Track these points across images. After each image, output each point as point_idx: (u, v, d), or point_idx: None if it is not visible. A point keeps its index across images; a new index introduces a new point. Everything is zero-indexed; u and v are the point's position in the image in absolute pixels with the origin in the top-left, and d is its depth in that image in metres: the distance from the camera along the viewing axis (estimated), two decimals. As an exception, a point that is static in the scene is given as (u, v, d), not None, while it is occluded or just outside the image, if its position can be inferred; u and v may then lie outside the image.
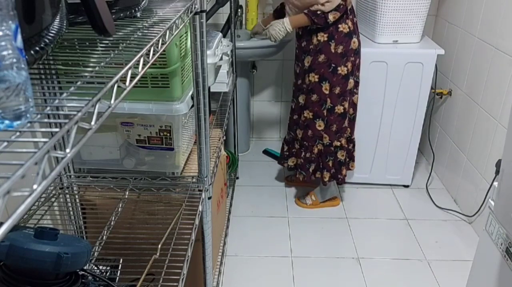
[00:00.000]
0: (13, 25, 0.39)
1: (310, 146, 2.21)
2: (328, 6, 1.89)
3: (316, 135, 2.17)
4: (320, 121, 2.14)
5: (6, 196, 0.35)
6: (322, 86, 2.06)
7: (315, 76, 2.06)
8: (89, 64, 0.67)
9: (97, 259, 1.14)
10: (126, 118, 1.31)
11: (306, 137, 2.21)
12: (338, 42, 1.99)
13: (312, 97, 2.10)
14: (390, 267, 1.96)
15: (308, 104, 2.13)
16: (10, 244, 0.73)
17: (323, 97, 2.08)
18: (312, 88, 2.09)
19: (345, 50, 2.00)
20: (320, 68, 2.03)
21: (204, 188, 1.33)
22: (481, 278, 1.25)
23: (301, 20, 1.96)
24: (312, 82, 2.07)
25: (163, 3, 1.06)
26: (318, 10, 1.91)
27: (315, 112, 2.13)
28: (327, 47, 2.00)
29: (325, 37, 1.99)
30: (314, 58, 2.04)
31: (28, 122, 0.42)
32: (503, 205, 1.08)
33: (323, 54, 2.01)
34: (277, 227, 2.21)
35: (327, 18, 1.91)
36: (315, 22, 1.92)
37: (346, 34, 1.99)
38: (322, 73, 2.04)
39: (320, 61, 2.02)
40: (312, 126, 2.16)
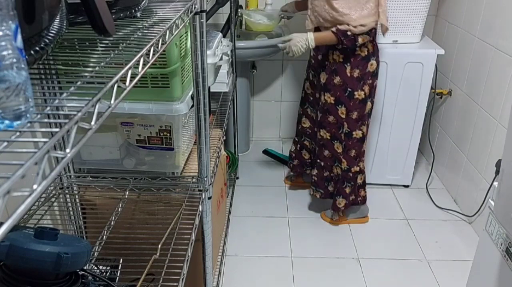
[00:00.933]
0: (13, 25, 0.39)
1: (329, 166, 2.11)
2: (360, 29, 1.75)
3: (334, 155, 2.07)
4: (338, 143, 2.03)
5: (6, 196, 0.35)
6: (338, 109, 1.95)
7: (330, 98, 1.94)
8: (89, 64, 0.67)
9: (97, 259, 1.14)
10: (126, 118, 1.31)
11: (322, 156, 2.11)
12: (354, 65, 1.87)
13: (329, 118, 1.99)
14: (390, 267, 1.96)
15: (324, 124, 2.03)
16: (10, 244, 0.73)
17: (340, 121, 1.97)
18: (328, 109, 1.98)
19: (361, 73, 1.88)
20: (336, 90, 1.92)
21: (204, 188, 1.33)
22: (481, 278, 1.25)
23: (327, 39, 1.81)
24: (328, 103, 1.97)
25: (163, 3, 1.06)
26: (348, 31, 1.76)
27: (333, 133, 2.02)
28: (342, 70, 1.88)
29: (341, 57, 1.87)
30: (329, 77, 1.93)
31: (28, 122, 0.42)
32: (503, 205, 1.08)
33: (338, 76, 1.89)
34: (277, 227, 2.21)
35: (356, 40, 1.78)
36: (344, 43, 1.78)
37: (363, 58, 1.87)
38: (338, 96, 1.92)
39: (336, 83, 1.91)
40: (330, 146, 2.06)
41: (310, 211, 2.34)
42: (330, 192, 2.16)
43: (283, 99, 2.97)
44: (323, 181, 2.16)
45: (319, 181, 2.17)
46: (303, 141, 2.31)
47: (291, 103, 2.97)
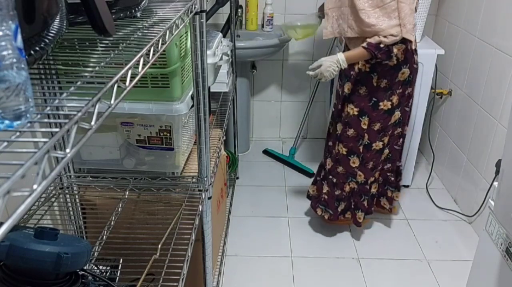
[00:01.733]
0: (13, 25, 0.39)
1: (341, 183, 2.00)
2: (392, 39, 1.63)
3: (348, 172, 1.96)
4: (355, 157, 1.93)
5: (6, 196, 0.35)
6: (361, 121, 1.85)
7: (354, 109, 1.84)
8: (89, 64, 0.67)
9: (97, 259, 1.14)
10: (126, 118, 1.31)
11: (334, 173, 1.99)
12: (381, 75, 1.76)
13: (348, 131, 1.89)
14: (390, 267, 1.96)
15: (342, 138, 1.92)
16: (10, 244, 0.73)
17: (361, 133, 1.87)
18: (349, 122, 1.87)
19: (389, 84, 1.77)
20: (361, 101, 1.82)
21: (204, 188, 1.33)
22: (481, 278, 1.25)
23: (360, 56, 1.70)
24: (350, 115, 1.86)
25: (163, 3, 1.06)
26: (380, 43, 1.64)
27: (350, 148, 1.91)
28: (369, 80, 1.78)
29: (367, 67, 1.77)
30: (354, 87, 1.83)
31: (28, 122, 0.42)
32: (503, 205, 1.08)
33: (364, 86, 1.80)
34: (277, 227, 2.21)
35: (391, 51, 1.66)
36: (379, 57, 1.67)
37: (392, 67, 1.74)
38: (362, 107, 1.82)
39: (361, 93, 1.81)
40: (345, 162, 1.95)
41: (310, 211, 2.33)
42: (339, 213, 2.04)
43: (283, 99, 2.97)
44: (333, 201, 2.03)
45: (329, 200, 2.04)
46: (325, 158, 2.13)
47: (291, 103, 2.97)
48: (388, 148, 1.96)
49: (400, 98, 1.82)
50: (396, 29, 1.62)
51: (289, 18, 2.70)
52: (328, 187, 2.03)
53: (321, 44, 2.74)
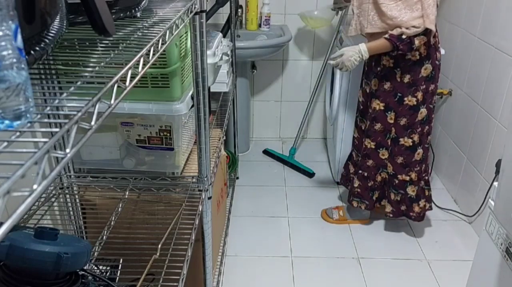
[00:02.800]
0: (13, 25, 0.39)
1: (373, 175, 2.04)
2: (414, 31, 1.64)
3: (379, 164, 2.00)
4: (384, 150, 1.96)
5: (6, 196, 0.35)
6: (387, 115, 1.88)
7: (380, 104, 1.87)
8: (89, 64, 0.67)
9: (97, 259, 1.14)
10: (126, 118, 1.31)
11: (365, 167, 2.04)
12: (404, 71, 1.78)
13: (376, 126, 1.92)
14: (390, 267, 1.96)
15: (370, 133, 1.95)
16: (10, 244, 0.73)
17: (388, 127, 1.90)
18: (376, 117, 1.91)
19: (413, 79, 1.78)
20: (386, 96, 1.85)
21: (204, 188, 1.33)
22: (481, 278, 1.25)
23: (381, 47, 1.71)
24: (376, 110, 1.89)
25: (163, 3, 1.06)
26: (402, 34, 1.65)
27: (378, 142, 1.95)
28: (392, 75, 1.80)
29: (391, 63, 1.79)
30: (380, 83, 1.85)
31: (28, 122, 0.42)
32: (503, 205, 1.08)
33: (388, 82, 1.82)
34: (277, 227, 2.21)
35: (412, 43, 1.67)
36: (400, 49, 1.67)
37: (414, 63, 1.76)
38: (388, 102, 1.85)
39: (386, 88, 1.84)
40: (374, 155, 1.99)
41: (310, 211, 2.33)
42: (374, 201, 2.09)
43: (283, 99, 2.97)
44: (367, 191, 2.07)
45: (363, 192, 2.08)
46: (352, 151, 2.19)
47: (291, 103, 2.97)
48: (421, 148, 1.94)
49: (424, 95, 1.82)
50: (418, 21, 1.63)
51: (288, 18, 2.71)
52: (359, 181, 2.07)
53: (321, 44, 2.74)
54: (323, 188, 2.54)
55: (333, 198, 2.45)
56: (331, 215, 2.24)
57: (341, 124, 2.39)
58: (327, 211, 2.27)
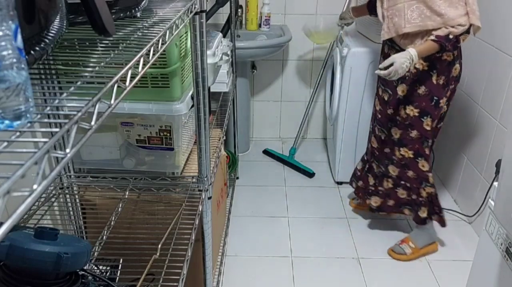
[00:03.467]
0: (13, 25, 0.39)
1: (416, 188, 1.93)
2: (461, 29, 1.60)
3: (420, 176, 1.90)
4: (423, 160, 1.87)
5: (6, 196, 0.35)
6: (424, 121, 1.79)
7: (414, 110, 1.79)
8: (89, 64, 0.67)
9: (97, 259, 1.14)
10: (126, 118, 1.31)
11: (406, 178, 1.93)
12: (440, 72, 1.73)
13: (411, 133, 1.83)
14: (390, 267, 1.96)
15: (406, 141, 1.85)
16: (10, 244, 0.73)
17: (425, 134, 1.81)
18: (411, 123, 1.81)
19: (447, 80, 1.74)
20: (421, 101, 1.77)
21: (204, 188, 1.33)
22: (481, 278, 1.25)
23: (430, 49, 1.65)
24: (410, 116, 1.80)
25: (163, 3, 1.06)
26: (449, 34, 1.61)
27: (416, 150, 1.85)
28: (428, 78, 1.74)
29: (425, 66, 1.73)
30: (412, 88, 1.77)
31: (28, 122, 0.42)
32: (503, 205, 1.08)
33: (423, 86, 1.75)
34: (277, 227, 2.21)
35: (458, 41, 1.65)
36: (448, 49, 1.64)
37: (449, 63, 1.72)
38: (424, 107, 1.77)
39: (421, 93, 1.76)
40: (414, 166, 1.88)
41: (310, 211, 2.34)
42: (421, 218, 1.97)
43: (283, 99, 2.97)
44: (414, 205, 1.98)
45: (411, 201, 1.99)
46: (371, 162, 2.08)
47: (291, 103, 2.97)
48: None
49: (451, 94, 1.81)
50: (464, 19, 1.60)
51: (288, 18, 2.71)
52: (405, 190, 1.97)
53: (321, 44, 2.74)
54: (323, 188, 2.54)
55: (333, 198, 2.45)
56: (403, 251, 2.02)
57: (341, 124, 2.39)
58: (394, 249, 2.03)
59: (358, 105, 2.32)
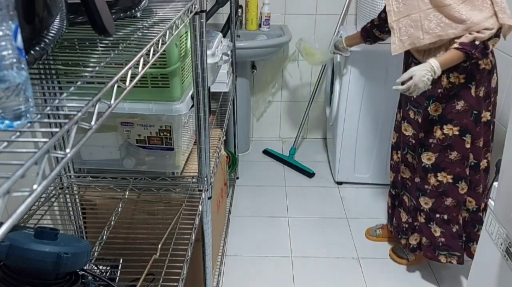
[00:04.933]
0: (13, 25, 0.39)
1: (455, 216, 1.70)
2: (488, 34, 1.43)
3: (459, 201, 1.68)
4: (463, 183, 1.66)
5: (6, 196, 0.35)
6: (465, 140, 1.60)
7: (453, 129, 1.60)
8: (89, 64, 0.67)
9: (97, 259, 1.14)
10: (126, 118, 1.31)
11: (443, 208, 1.70)
12: (479, 83, 1.55)
13: (451, 155, 1.63)
14: (391, 267, 1.96)
15: (444, 165, 1.65)
16: (10, 244, 0.73)
17: (466, 154, 1.62)
18: (451, 144, 1.62)
19: (487, 91, 1.58)
20: (461, 118, 1.58)
21: (204, 188, 1.33)
22: (481, 278, 1.25)
23: (454, 59, 1.48)
24: (449, 136, 1.61)
25: (163, 3, 1.06)
26: (474, 40, 1.44)
27: (457, 173, 1.64)
28: (466, 92, 1.56)
29: (461, 78, 1.55)
30: (448, 105, 1.58)
31: (28, 122, 0.42)
32: (503, 205, 1.08)
33: (462, 101, 1.57)
34: (277, 227, 2.21)
35: (487, 47, 1.46)
36: (475, 57, 1.46)
37: (489, 72, 1.56)
38: (464, 124, 1.58)
39: (459, 109, 1.57)
40: (453, 191, 1.67)
41: (310, 211, 2.34)
42: (464, 249, 1.74)
43: (283, 99, 2.97)
44: (456, 240, 1.72)
45: (449, 242, 1.72)
46: (402, 196, 1.86)
47: (291, 103, 2.97)
48: None
49: (494, 107, 1.64)
50: (491, 21, 1.43)
51: (288, 18, 2.70)
52: (441, 227, 1.72)
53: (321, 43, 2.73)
54: (323, 188, 2.54)
55: (333, 198, 2.45)
56: (406, 256, 1.95)
57: (341, 124, 2.39)
58: (396, 251, 1.96)
59: (358, 105, 2.32)
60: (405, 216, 1.86)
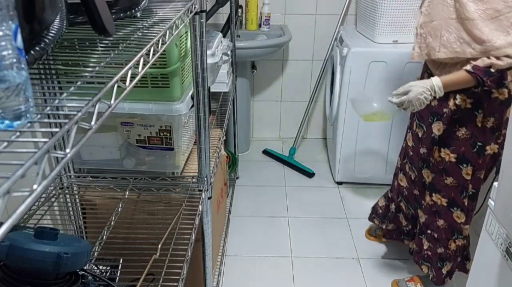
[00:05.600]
0: (13, 25, 0.39)
1: (445, 239, 1.63)
2: (507, 62, 1.26)
3: (454, 227, 1.60)
4: (459, 211, 1.57)
5: (6, 196, 0.35)
6: (462, 169, 1.49)
7: (450, 155, 1.49)
8: (89, 64, 0.67)
9: (97, 259, 1.14)
10: (126, 118, 1.31)
11: (434, 227, 1.63)
12: (488, 113, 1.39)
13: (446, 180, 1.54)
14: (391, 267, 1.96)
15: (439, 187, 1.57)
16: (10, 244, 0.73)
17: (463, 183, 1.51)
18: (446, 169, 1.52)
19: (497, 123, 1.41)
20: (459, 146, 1.46)
21: (204, 188, 1.33)
22: (481, 278, 1.25)
23: (461, 82, 1.33)
24: (445, 161, 1.51)
25: (163, 3, 1.06)
26: (490, 66, 1.28)
27: (451, 199, 1.55)
28: (471, 119, 1.41)
29: (468, 103, 1.40)
30: (448, 128, 1.46)
31: (28, 122, 0.42)
32: (503, 205, 1.08)
33: (464, 127, 1.44)
34: (277, 227, 2.21)
35: (504, 78, 1.29)
36: (486, 84, 1.30)
37: (502, 102, 1.38)
38: (462, 152, 1.46)
39: (460, 136, 1.45)
40: (447, 216, 1.59)
41: (310, 211, 2.34)
42: (444, 275, 1.65)
43: (283, 99, 2.97)
44: (436, 260, 1.67)
45: (433, 258, 1.68)
46: (399, 202, 1.83)
47: (291, 103, 2.97)
48: None
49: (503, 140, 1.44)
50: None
51: (288, 18, 2.70)
52: (429, 242, 1.68)
53: (321, 44, 2.74)
54: (323, 188, 2.54)
55: (333, 198, 2.45)
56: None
57: (341, 124, 2.39)
58: (399, 283, 1.85)
59: (358, 105, 2.32)
60: (405, 221, 1.85)
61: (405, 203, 1.81)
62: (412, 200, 1.74)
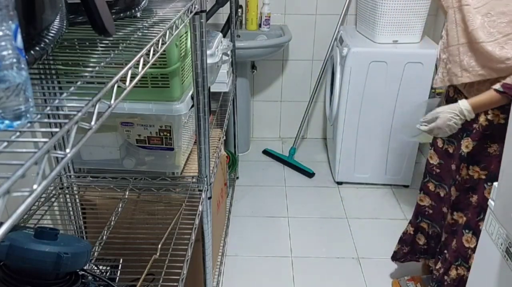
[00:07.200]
0: (13, 25, 0.39)
1: (448, 262, 1.52)
2: None
3: (460, 252, 1.48)
4: (470, 234, 1.46)
5: (6, 196, 0.35)
6: (486, 188, 1.40)
7: (480, 172, 1.41)
8: (89, 64, 0.67)
9: (97, 259, 1.14)
10: (126, 118, 1.31)
11: (450, 250, 1.52)
12: None
13: (472, 198, 1.45)
14: (391, 267, 1.96)
15: (463, 205, 1.48)
16: (10, 244, 0.73)
17: (483, 203, 1.42)
18: (473, 187, 1.44)
19: None
20: (490, 162, 1.38)
21: (204, 188, 1.33)
22: (481, 278, 1.25)
23: (490, 103, 1.28)
24: (473, 179, 1.43)
25: (163, 3, 1.06)
26: None
27: (468, 220, 1.46)
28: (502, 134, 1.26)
29: (502, 118, 1.32)
30: (479, 145, 1.39)
31: (28, 122, 0.42)
32: (503, 205, 1.08)
33: (495, 144, 1.36)
34: (277, 227, 2.21)
35: None
36: None
37: None
38: (493, 170, 1.37)
39: (491, 152, 1.37)
40: (459, 237, 1.48)
41: (310, 211, 2.34)
42: None
43: (283, 99, 2.97)
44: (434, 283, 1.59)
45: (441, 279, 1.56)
46: (418, 223, 1.74)
47: (291, 103, 2.97)
48: None
49: None
50: None
51: (288, 18, 2.70)
52: (442, 264, 1.57)
53: (321, 44, 2.74)
54: (323, 188, 2.54)
55: (333, 198, 2.45)
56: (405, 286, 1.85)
57: (341, 124, 2.39)
58: (400, 282, 1.81)
59: (358, 105, 2.32)
60: (423, 239, 1.76)
61: (427, 222, 1.72)
62: (439, 219, 1.65)
